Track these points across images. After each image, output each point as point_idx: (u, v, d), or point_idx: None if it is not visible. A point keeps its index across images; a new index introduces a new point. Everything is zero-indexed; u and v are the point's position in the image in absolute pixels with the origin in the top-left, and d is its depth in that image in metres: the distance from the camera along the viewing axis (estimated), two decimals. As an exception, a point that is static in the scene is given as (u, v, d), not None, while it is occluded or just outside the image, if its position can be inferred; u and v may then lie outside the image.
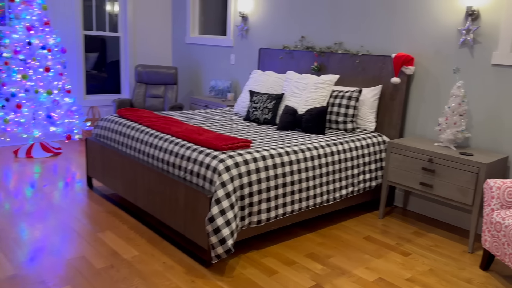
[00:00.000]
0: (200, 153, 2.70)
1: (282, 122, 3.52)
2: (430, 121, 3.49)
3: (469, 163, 2.87)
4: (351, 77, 3.89)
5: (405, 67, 3.49)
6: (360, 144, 3.32)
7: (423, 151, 3.10)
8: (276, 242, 2.97)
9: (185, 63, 6.10)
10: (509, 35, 2.98)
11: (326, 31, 4.18)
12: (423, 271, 2.67)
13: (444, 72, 3.36)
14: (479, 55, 3.16)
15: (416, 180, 3.16)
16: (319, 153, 3.01)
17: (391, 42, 3.67)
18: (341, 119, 3.54)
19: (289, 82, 3.87)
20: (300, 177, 2.87)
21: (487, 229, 2.59)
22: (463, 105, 3.08)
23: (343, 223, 3.35)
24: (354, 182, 3.27)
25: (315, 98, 3.58)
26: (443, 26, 3.34)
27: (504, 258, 2.43)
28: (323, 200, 3.06)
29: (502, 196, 2.57)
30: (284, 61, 4.49)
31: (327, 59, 4.08)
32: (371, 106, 3.62)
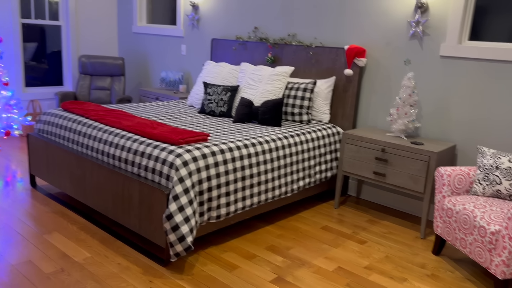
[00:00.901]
0: (155, 148, 2.59)
1: (238, 115, 3.46)
2: (381, 112, 3.58)
3: (420, 152, 2.97)
4: (305, 69, 3.90)
5: (357, 59, 3.55)
6: (316, 136, 3.34)
7: (376, 141, 3.18)
8: (236, 236, 2.92)
9: (133, 53, 5.85)
10: (456, 27, 3.10)
11: (279, 23, 4.15)
12: (380, 258, 2.74)
13: (395, 64, 3.45)
14: (428, 47, 3.27)
15: (370, 169, 3.23)
16: (277, 146, 2.99)
17: (344, 34, 3.71)
18: (297, 111, 3.54)
19: (244, 74, 3.81)
20: (258, 170, 2.84)
21: (438, 215, 2.70)
22: (413, 96, 3.17)
23: (300, 214, 3.36)
24: (310, 173, 3.29)
25: (271, 90, 3.55)
26: (393, 18, 3.42)
27: (455, 243, 2.54)
28: (282, 192, 3.05)
29: (453, 183, 2.68)
30: (238, 52, 4.43)
31: (281, 50, 4.06)
32: (325, 98, 3.65)
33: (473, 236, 2.37)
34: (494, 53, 2.96)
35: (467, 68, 3.10)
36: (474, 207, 2.42)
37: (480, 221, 2.32)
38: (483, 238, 2.28)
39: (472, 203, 2.47)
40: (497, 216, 2.30)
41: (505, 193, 2.56)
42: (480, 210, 2.38)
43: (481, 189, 2.63)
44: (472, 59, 3.07)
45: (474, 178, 2.71)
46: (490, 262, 2.26)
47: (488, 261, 2.27)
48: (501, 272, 2.19)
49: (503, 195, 2.57)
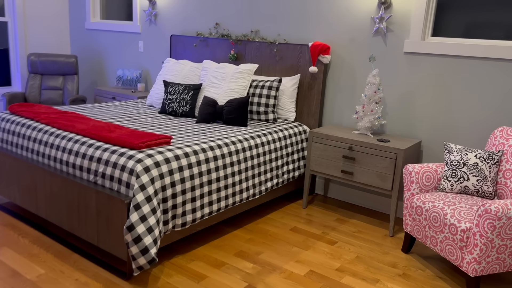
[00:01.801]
0: (112, 153, 2.40)
1: (202, 115, 3.31)
2: (347, 109, 3.54)
3: (387, 150, 2.95)
4: (269, 66, 3.79)
5: (321, 56, 3.48)
6: (282, 135, 3.25)
7: (343, 139, 3.13)
8: (202, 243, 2.79)
9: (86, 51, 5.54)
10: (420, 24, 3.10)
11: (241, 18, 4.03)
12: (351, 259, 2.69)
13: (359, 60, 3.42)
14: (392, 43, 3.25)
15: (337, 168, 3.18)
16: (244, 146, 2.88)
17: (307, 31, 3.64)
18: (263, 110, 3.44)
19: (206, 72, 3.66)
20: (225, 172, 2.71)
21: (408, 213, 2.68)
22: (378, 93, 3.15)
23: (269, 216, 3.27)
24: (278, 173, 3.20)
25: (235, 89, 3.42)
26: (356, 14, 3.38)
27: (425, 241, 2.53)
28: (249, 194, 2.94)
29: (421, 181, 2.67)
30: (199, 49, 4.26)
31: (244, 47, 3.94)
32: (290, 96, 3.57)
33: (444, 234, 2.35)
34: (456, 49, 2.98)
35: (431, 64, 3.11)
36: (444, 205, 2.41)
37: (450, 219, 2.31)
38: (454, 236, 2.27)
39: (441, 201, 2.46)
40: (467, 214, 2.29)
41: (473, 189, 2.57)
42: (450, 208, 2.37)
43: (449, 186, 2.63)
44: (436, 55, 3.08)
45: (441, 175, 2.71)
46: (461, 260, 2.25)
47: (460, 259, 2.26)
48: (472, 270, 2.19)
49: (470, 191, 2.59)
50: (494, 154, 2.57)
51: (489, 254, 2.15)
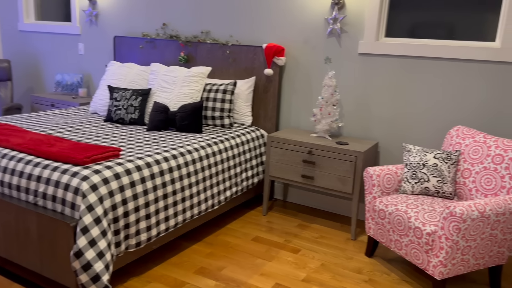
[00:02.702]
0: (54, 170, 2.15)
1: (153, 122, 3.10)
2: (304, 112, 3.47)
3: (347, 152, 2.90)
4: (222, 69, 3.64)
5: (276, 58, 3.38)
6: (240, 141, 3.11)
7: (302, 144, 3.05)
8: (159, 262, 2.59)
9: (21, 54, 5.08)
10: (374, 25, 3.08)
11: (190, 19, 3.84)
12: (316, 267, 2.61)
13: (314, 62, 3.36)
14: (347, 44, 3.22)
15: (298, 173, 3.10)
16: (200, 155, 2.71)
17: (261, 32, 3.53)
18: (218, 115, 3.28)
19: (155, 75, 3.44)
20: (182, 184, 2.53)
21: (370, 216, 2.64)
22: (335, 95, 3.10)
23: (229, 226, 3.12)
24: (237, 181, 3.06)
25: (187, 93, 3.24)
26: (310, 15, 3.31)
27: (389, 244, 2.50)
28: (208, 206, 2.77)
29: (382, 183, 2.64)
30: (146, 51, 4.02)
31: (195, 49, 3.76)
32: (246, 99, 3.44)
33: (408, 238, 2.33)
34: (408, 49, 2.99)
35: (385, 65, 3.11)
36: (407, 208, 2.39)
37: (415, 222, 2.28)
38: (420, 240, 2.25)
39: (404, 203, 2.44)
40: (431, 216, 2.28)
41: (433, 190, 2.58)
42: (413, 211, 2.35)
43: (410, 188, 2.62)
44: (390, 55, 3.08)
45: (402, 177, 2.69)
46: (427, 263, 2.23)
47: (426, 262, 2.24)
48: (439, 273, 2.17)
49: (431, 192, 2.59)
50: (452, 154, 2.59)
51: (454, 256, 2.15)
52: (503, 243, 2.27)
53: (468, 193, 2.49)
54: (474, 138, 2.57)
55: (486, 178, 2.41)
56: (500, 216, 2.15)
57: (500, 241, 2.25)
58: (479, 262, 2.26)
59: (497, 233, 2.20)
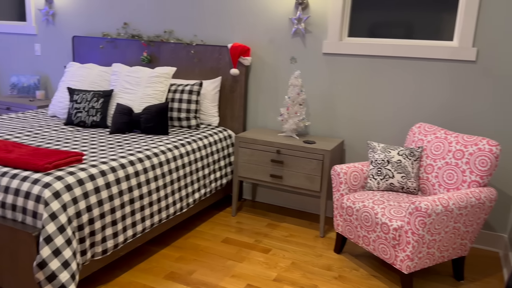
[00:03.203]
0: (13, 178, 2.04)
1: (116, 124, 3.01)
2: (271, 112, 3.48)
3: (314, 151, 2.93)
4: (187, 69, 3.59)
5: (242, 57, 3.37)
6: (207, 142, 3.08)
7: (270, 143, 3.05)
8: (127, 268, 2.52)
9: (-29, 55, 4.81)
10: (337, 25, 3.12)
11: (152, 18, 3.75)
12: (286, 266, 2.62)
13: (280, 62, 3.37)
14: (311, 44, 3.24)
15: (266, 172, 3.10)
16: (167, 158, 2.65)
17: (226, 32, 3.50)
18: (184, 116, 3.23)
19: (117, 76, 3.34)
20: (149, 188, 2.47)
21: (338, 214, 2.68)
22: (301, 94, 3.12)
23: (198, 228, 3.08)
24: (206, 183, 3.02)
25: (152, 94, 3.17)
26: (275, 15, 3.31)
27: (358, 241, 2.54)
28: (177, 209, 2.72)
29: (349, 181, 2.69)
30: (106, 51, 3.90)
31: (158, 49, 3.68)
32: (212, 100, 3.41)
33: (376, 233, 2.38)
34: (371, 49, 3.05)
35: (349, 64, 3.16)
36: (374, 204, 2.44)
37: (382, 218, 2.33)
38: (387, 235, 2.30)
39: (370, 200, 2.49)
40: (397, 211, 2.34)
41: (398, 185, 2.65)
42: (380, 206, 2.40)
43: (375, 184, 2.68)
44: (353, 55, 3.13)
45: (368, 174, 2.75)
46: (395, 258, 2.29)
47: (393, 257, 2.30)
48: (406, 267, 2.23)
49: (396, 188, 2.66)
50: (415, 150, 2.66)
51: (420, 250, 2.21)
52: (465, 235, 2.36)
53: (431, 188, 2.57)
54: (435, 134, 2.66)
55: (448, 173, 2.49)
56: (462, 210, 2.23)
57: (463, 233, 2.34)
58: (444, 255, 2.34)
59: (459, 226, 2.29)
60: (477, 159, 2.38)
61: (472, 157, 2.40)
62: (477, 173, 2.37)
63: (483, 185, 2.38)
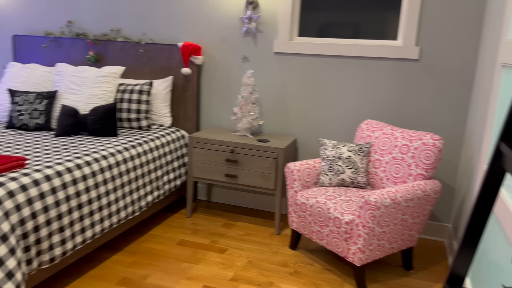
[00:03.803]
0: None
1: (62, 126, 2.88)
2: (224, 111, 3.47)
3: (268, 150, 2.95)
4: (137, 68, 3.50)
5: (193, 56, 3.33)
6: (160, 143, 3.02)
7: (224, 143, 3.04)
8: (77, 276, 2.41)
9: None
10: (287, 24, 3.16)
11: (99, 16, 3.63)
12: (243, 265, 2.62)
13: (232, 61, 3.36)
14: (262, 43, 3.26)
15: (221, 172, 3.09)
16: (117, 160, 2.57)
17: (176, 31, 3.44)
18: (134, 116, 3.14)
19: (62, 77, 3.20)
20: (98, 192, 2.38)
21: (293, 210, 2.71)
22: (254, 93, 3.13)
23: (152, 232, 3.01)
24: (159, 185, 2.96)
25: (99, 94, 3.06)
26: (226, 14, 3.30)
27: (312, 236, 2.59)
28: (128, 212, 2.65)
29: (303, 178, 2.73)
30: (50, 50, 3.72)
31: (105, 47, 3.56)
32: (164, 100, 3.34)
33: (329, 228, 2.43)
34: (319, 48, 3.11)
35: (299, 63, 3.21)
36: (326, 199, 2.49)
37: (334, 213, 2.39)
38: (339, 229, 2.36)
39: (323, 195, 2.54)
40: (348, 206, 2.40)
41: (349, 181, 2.72)
42: (332, 202, 2.46)
43: (327, 180, 2.74)
44: (303, 54, 3.19)
45: (320, 170, 2.80)
46: (347, 251, 2.35)
47: (346, 250, 2.36)
48: (358, 259, 2.30)
49: (347, 183, 2.73)
50: (363, 146, 2.75)
51: (371, 242, 2.29)
52: (413, 227, 2.47)
53: (380, 182, 2.67)
54: (382, 130, 2.76)
55: (395, 167, 2.60)
56: (409, 202, 2.33)
57: (410, 225, 2.44)
58: (393, 246, 2.43)
59: (407, 218, 2.39)
60: (421, 153, 2.50)
61: (417, 151, 2.51)
62: (422, 167, 2.49)
63: (428, 177, 2.50)
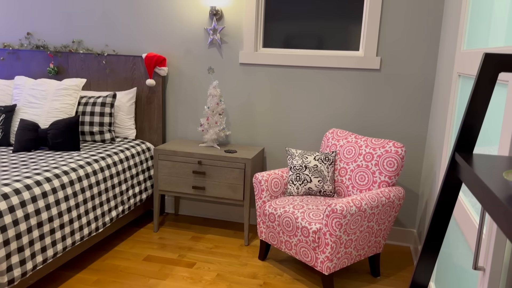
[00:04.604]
0: None
1: (21, 142, 2.77)
2: (191, 122, 3.44)
3: (235, 160, 2.94)
4: (99, 80, 3.42)
5: (158, 68, 3.30)
6: (124, 156, 2.95)
7: (191, 154, 3.01)
8: (38, 297, 2.31)
9: None
10: (251, 36, 3.18)
11: (59, 27, 3.53)
12: (212, 279, 2.59)
13: (198, 72, 3.35)
14: (228, 54, 3.27)
15: (188, 184, 3.05)
16: (79, 175, 2.49)
17: (140, 42, 3.40)
18: (97, 129, 3.06)
19: (21, 90, 3.09)
20: (59, 209, 2.30)
21: (261, 221, 2.71)
22: (220, 104, 3.13)
23: (117, 248, 2.92)
24: (123, 199, 2.89)
25: (60, 108, 2.97)
26: (190, 25, 3.29)
27: (280, 246, 2.59)
28: (92, 229, 2.56)
29: (270, 188, 2.73)
30: (8, 63, 3.59)
31: (66, 59, 3.47)
32: (128, 112, 3.28)
33: (297, 238, 2.44)
34: (285, 59, 3.15)
35: (265, 74, 3.23)
36: (294, 208, 2.50)
37: (302, 222, 2.40)
38: (307, 238, 2.37)
39: (291, 205, 2.55)
40: (315, 215, 2.42)
41: (315, 189, 2.74)
42: (300, 211, 2.47)
43: (295, 189, 2.75)
44: (268, 65, 3.21)
45: (287, 179, 2.82)
46: (315, 260, 2.36)
47: (314, 259, 2.37)
48: (326, 268, 2.31)
49: (314, 191, 2.75)
50: (329, 155, 2.79)
51: (338, 250, 2.31)
52: (379, 233, 2.51)
53: (346, 190, 2.71)
54: (347, 139, 2.80)
55: (360, 175, 2.64)
56: (374, 209, 2.37)
57: (376, 231, 2.48)
58: (360, 253, 2.46)
59: (373, 225, 2.43)
60: (385, 160, 2.55)
61: (381, 159, 2.57)
62: (386, 174, 2.54)
63: (392, 184, 2.55)
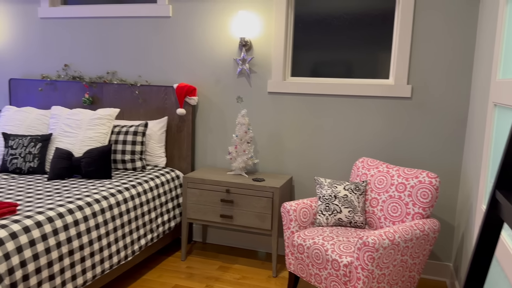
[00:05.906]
0: None
1: (55, 170, 2.85)
2: (219, 150, 3.46)
3: (263, 189, 2.92)
4: (132, 110, 3.51)
5: (188, 97, 3.36)
6: (154, 184, 2.98)
7: (219, 183, 3.01)
8: (67, 326, 2.31)
9: None
10: (280, 65, 3.21)
11: (95, 59, 3.68)
12: (240, 310, 2.54)
13: (227, 101, 3.39)
14: (256, 83, 3.30)
15: (216, 213, 3.04)
16: (110, 204, 2.53)
17: (171, 72, 3.49)
18: (129, 158, 3.13)
19: (57, 120, 3.20)
20: (90, 238, 2.33)
21: (290, 252, 2.65)
22: (249, 132, 3.14)
23: (145, 277, 2.92)
24: (152, 227, 2.91)
25: (93, 137, 3.05)
26: (220, 56, 3.36)
27: (310, 279, 2.52)
28: (121, 258, 2.58)
29: (299, 218, 2.69)
30: (46, 93, 3.75)
31: (100, 90, 3.59)
32: (159, 140, 3.34)
33: (327, 271, 2.37)
34: (313, 88, 3.15)
35: (293, 102, 3.24)
36: (323, 240, 2.44)
37: (332, 255, 2.34)
38: (337, 272, 2.30)
39: (320, 236, 2.49)
40: (346, 247, 2.35)
41: (346, 220, 2.68)
42: (330, 243, 2.41)
43: (324, 220, 2.69)
44: (296, 94, 3.22)
45: (316, 209, 2.77)
46: (347, 294, 2.28)
47: (345, 294, 2.29)
48: (358, 303, 2.23)
49: (344, 222, 2.69)
50: (360, 184, 2.73)
51: (371, 285, 2.22)
52: (413, 268, 2.41)
53: (378, 221, 2.63)
54: (378, 168, 2.74)
55: (392, 206, 2.57)
56: (408, 242, 2.28)
57: (410, 265, 2.38)
58: (393, 288, 2.36)
59: (407, 259, 2.33)
60: (418, 191, 2.47)
61: (414, 189, 2.49)
62: (420, 205, 2.46)
63: (426, 216, 2.46)
